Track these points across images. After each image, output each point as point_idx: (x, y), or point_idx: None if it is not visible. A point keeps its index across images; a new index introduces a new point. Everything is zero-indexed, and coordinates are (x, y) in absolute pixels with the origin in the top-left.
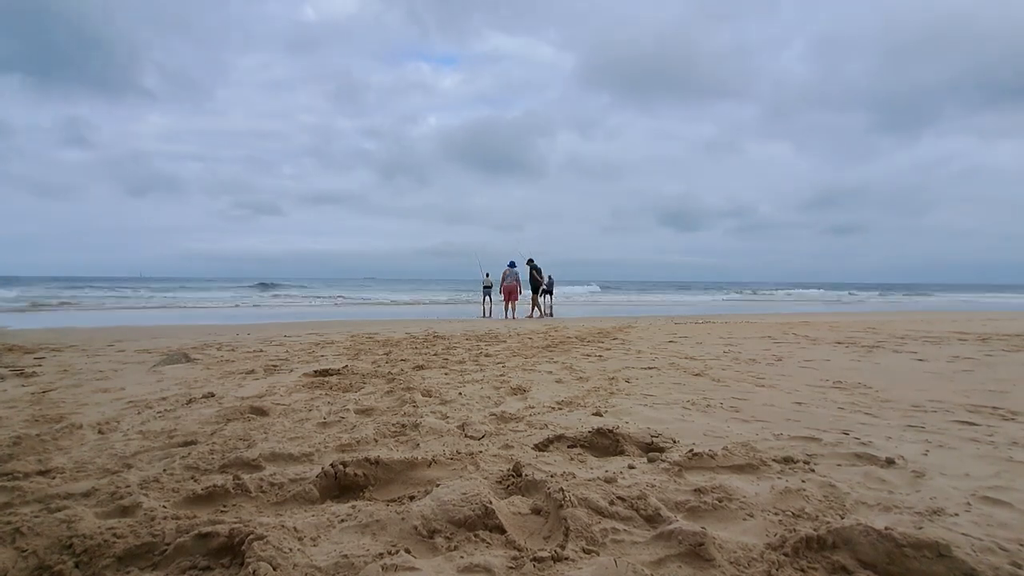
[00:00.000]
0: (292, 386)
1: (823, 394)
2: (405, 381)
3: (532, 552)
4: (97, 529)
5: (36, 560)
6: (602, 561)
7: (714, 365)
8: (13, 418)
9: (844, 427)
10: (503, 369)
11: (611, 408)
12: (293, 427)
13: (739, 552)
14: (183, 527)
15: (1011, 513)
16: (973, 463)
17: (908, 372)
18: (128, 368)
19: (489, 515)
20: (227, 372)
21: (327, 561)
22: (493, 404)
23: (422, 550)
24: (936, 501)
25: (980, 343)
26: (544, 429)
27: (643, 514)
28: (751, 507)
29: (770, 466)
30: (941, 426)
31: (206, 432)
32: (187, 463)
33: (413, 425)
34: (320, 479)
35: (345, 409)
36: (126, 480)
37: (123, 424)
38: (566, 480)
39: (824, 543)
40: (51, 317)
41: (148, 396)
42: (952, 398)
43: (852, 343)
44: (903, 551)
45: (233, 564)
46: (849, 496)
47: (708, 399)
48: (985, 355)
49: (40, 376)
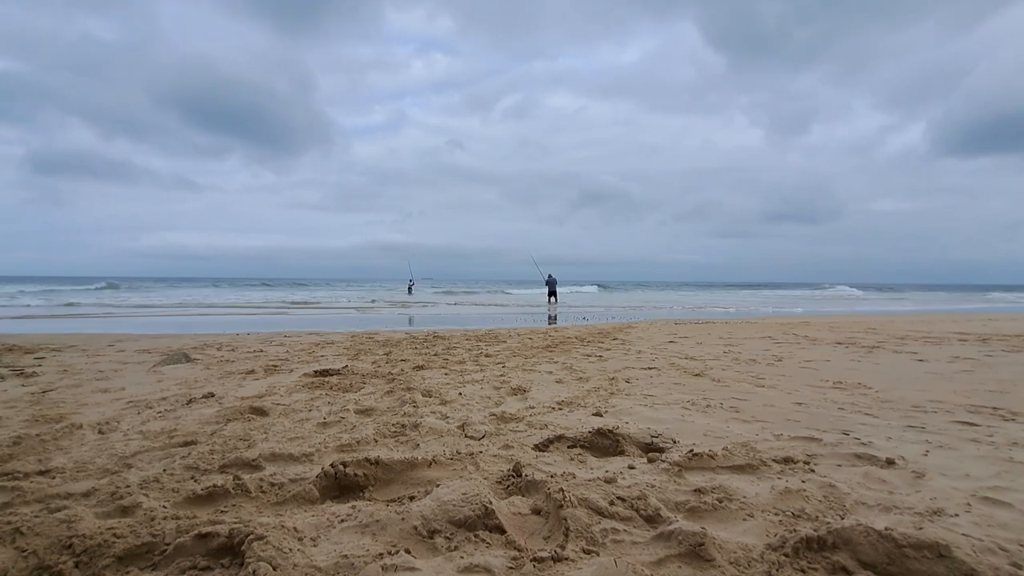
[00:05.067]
0: (292, 386)
1: (823, 394)
2: (405, 381)
3: (532, 552)
4: (97, 529)
5: (36, 560)
6: (602, 561)
7: (714, 365)
8: (13, 418)
9: (844, 427)
10: (503, 369)
11: (611, 408)
12: (293, 427)
13: (739, 552)
14: (183, 527)
15: (1011, 513)
16: (973, 463)
17: (908, 372)
18: (128, 368)
19: (489, 515)
20: (227, 372)
21: (327, 561)
22: (493, 404)
23: (422, 550)
24: (936, 501)
25: (980, 343)
26: (544, 429)
27: (643, 514)
28: (751, 507)
29: (770, 466)
30: (941, 426)
31: (206, 432)
32: (187, 463)
33: (413, 425)
34: (320, 479)
35: (345, 409)
36: (126, 480)
37: (123, 424)
38: (566, 480)
39: (824, 543)
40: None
41: (148, 396)
42: (952, 398)
43: (852, 343)
44: (903, 551)
45: (233, 564)
46: (849, 496)
47: (708, 399)
48: (985, 355)
49: (40, 376)
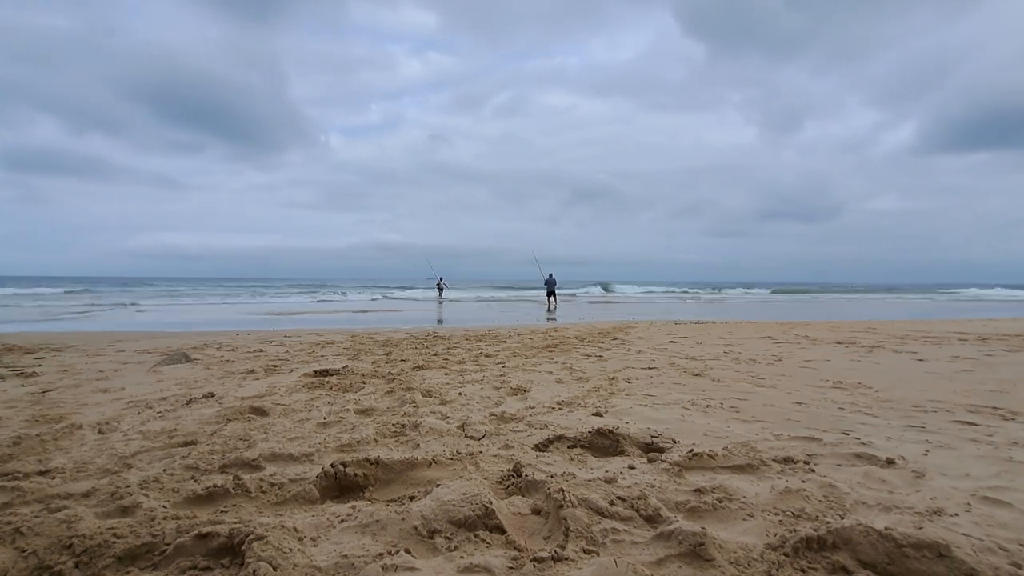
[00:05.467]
0: (292, 386)
1: (823, 394)
2: (405, 381)
3: (532, 552)
4: (97, 529)
5: (36, 560)
6: (602, 561)
7: (714, 365)
8: (13, 418)
9: (844, 427)
10: (503, 369)
11: (611, 408)
12: (293, 427)
13: (739, 552)
14: (183, 527)
15: (1011, 513)
16: (973, 463)
17: (908, 372)
18: (128, 368)
19: (489, 515)
20: (227, 372)
21: (327, 561)
22: (493, 404)
23: (422, 550)
24: (936, 501)
25: (980, 343)
26: (544, 429)
27: (643, 514)
28: (751, 507)
29: (770, 466)
30: (941, 426)
31: (206, 432)
32: (187, 463)
33: (413, 425)
34: (320, 479)
35: (345, 409)
36: (126, 480)
37: (123, 424)
38: (566, 480)
39: (824, 543)
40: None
41: (148, 396)
42: (952, 398)
43: (852, 343)
44: (903, 551)
45: (233, 564)
46: (849, 496)
47: (708, 399)
48: (985, 355)
49: (40, 376)
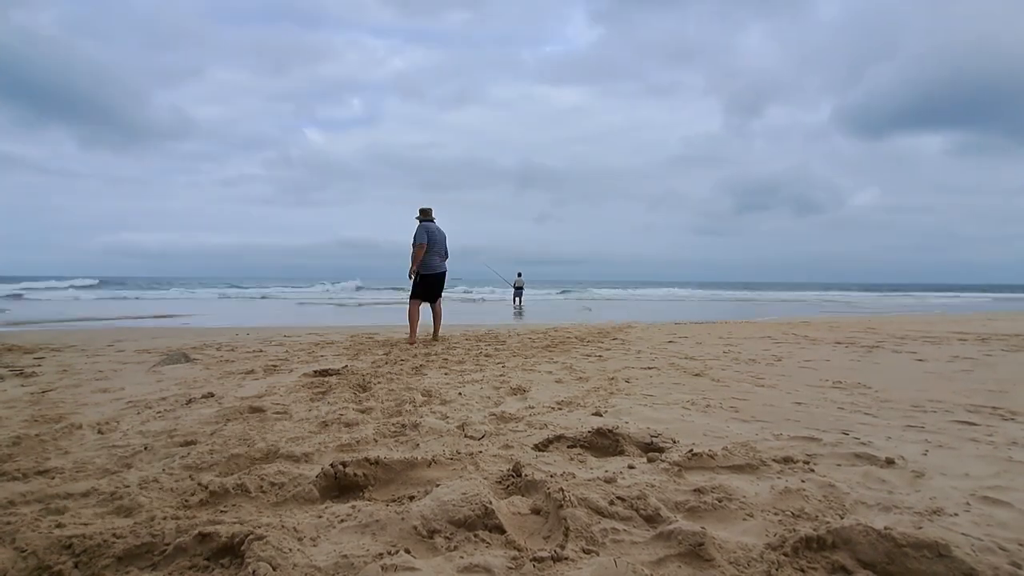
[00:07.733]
0: (292, 386)
1: (823, 394)
2: (405, 381)
3: (532, 552)
4: (97, 529)
5: (36, 560)
6: (602, 561)
7: (714, 365)
8: (13, 418)
9: (844, 427)
10: (503, 369)
11: (611, 408)
12: (293, 427)
13: (739, 552)
14: (183, 527)
15: (1011, 513)
16: (973, 463)
17: (908, 372)
18: (128, 368)
19: (489, 515)
20: (227, 372)
21: (327, 561)
22: (493, 404)
23: (422, 550)
24: (936, 501)
25: (980, 343)
26: (544, 429)
27: (643, 514)
28: (751, 507)
29: (770, 466)
30: (941, 426)
31: (206, 432)
32: (187, 463)
33: (413, 425)
34: (320, 479)
35: (345, 409)
36: (125, 480)
37: (123, 424)
38: (566, 480)
39: (824, 543)
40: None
41: (148, 396)
42: (952, 398)
43: (852, 343)
44: (903, 551)
45: (233, 564)
46: (849, 496)
47: (708, 399)
48: (985, 355)
49: (40, 376)
